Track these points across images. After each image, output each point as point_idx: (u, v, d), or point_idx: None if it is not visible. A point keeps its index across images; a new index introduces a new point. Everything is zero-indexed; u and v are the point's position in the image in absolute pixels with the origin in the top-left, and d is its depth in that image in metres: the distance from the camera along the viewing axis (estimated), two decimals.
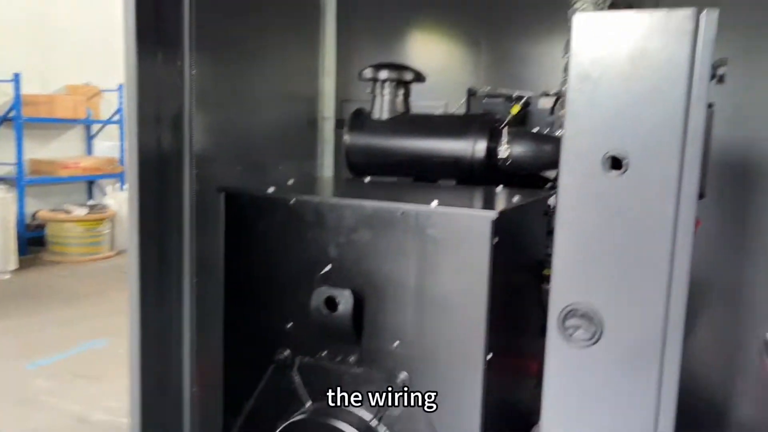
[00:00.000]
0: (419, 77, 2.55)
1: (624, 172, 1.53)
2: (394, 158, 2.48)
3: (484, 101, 2.91)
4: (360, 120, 2.54)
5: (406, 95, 2.54)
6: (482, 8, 3.27)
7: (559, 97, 2.71)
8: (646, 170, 1.52)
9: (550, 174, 2.58)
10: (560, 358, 1.64)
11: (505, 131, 2.39)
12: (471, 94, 3.02)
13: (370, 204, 1.77)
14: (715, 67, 1.48)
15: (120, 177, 8.39)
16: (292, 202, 1.86)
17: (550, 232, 2.27)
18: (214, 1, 2.38)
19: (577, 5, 2.58)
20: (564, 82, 2.66)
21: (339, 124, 3.49)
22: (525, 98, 2.68)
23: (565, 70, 2.64)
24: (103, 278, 6.80)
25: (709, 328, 2.87)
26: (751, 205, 2.84)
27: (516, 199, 1.92)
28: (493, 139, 2.37)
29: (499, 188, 2.19)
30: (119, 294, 6.02)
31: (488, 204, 1.96)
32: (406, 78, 2.50)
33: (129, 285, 2.10)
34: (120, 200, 7.72)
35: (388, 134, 2.48)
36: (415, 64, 2.67)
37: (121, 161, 8.35)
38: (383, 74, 2.47)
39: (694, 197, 1.51)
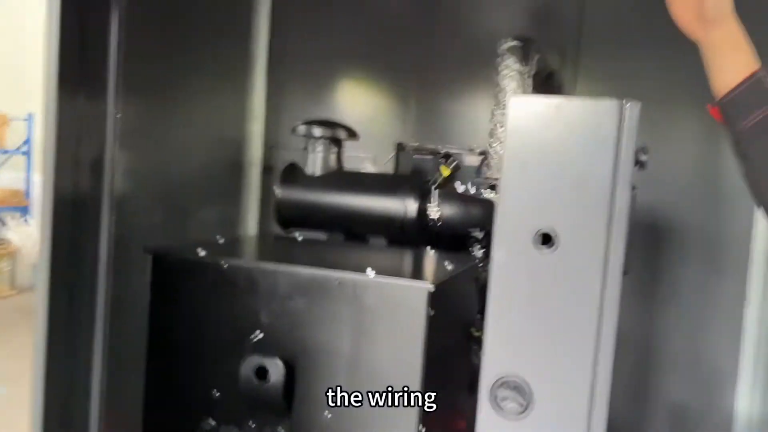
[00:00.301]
0: (352, 135, 2.58)
1: (554, 248, 1.59)
2: (326, 215, 2.48)
3: (413, 157, 2.97)
4: (292, 174, 2.53)
5: (339, 152, 2.56)
6: (412, 63, 3.36)
7: (486, 157, 2.81)
8: (575, 247, 1.59)
9: (478, 234, 2.66)
10: (491, 429, 1.67)
11: (435, 193, 2.45)
12: (400, 148, 3.09)
13: (306, 271, 1.75)
14: (637, 153, 1.58)
15: (24, 211, 7.92)
16: (225, 266, 1.82)
17: (480, 290, 2.33)
18: (142, 42, 2.33)
19: (504, 72, 2.70)
20: (491, 143, 2.76)
21: (266, 170, 3.47)
22: (455, 162, 2.76)
23: (491, 135, 2.76)
24: (1, 319, 6.35)
25: (622, 377, 3.02)
26: (658, 262, 3.04)
27: (451, 267, 1.95)
28: (424, 200, 2.42)
29: (432, 252, 2.22)
30: (19, 337, 5.63)
31: (425, 274, 1.98)
32: (339, 136, 2.52)
33: (35, 332, 1.97)
34: (24, 235, 7.27)
35: (320, 190, 2.48)
36: (343, 114, 2.69)
37: (27, 194, 7.90)
38: (317, 131, 2.48)
39: (620, 273, 1.59)
